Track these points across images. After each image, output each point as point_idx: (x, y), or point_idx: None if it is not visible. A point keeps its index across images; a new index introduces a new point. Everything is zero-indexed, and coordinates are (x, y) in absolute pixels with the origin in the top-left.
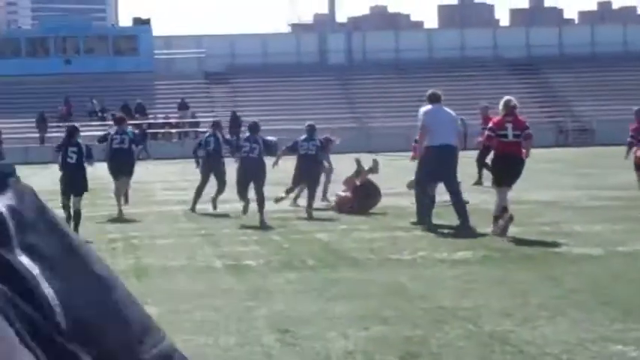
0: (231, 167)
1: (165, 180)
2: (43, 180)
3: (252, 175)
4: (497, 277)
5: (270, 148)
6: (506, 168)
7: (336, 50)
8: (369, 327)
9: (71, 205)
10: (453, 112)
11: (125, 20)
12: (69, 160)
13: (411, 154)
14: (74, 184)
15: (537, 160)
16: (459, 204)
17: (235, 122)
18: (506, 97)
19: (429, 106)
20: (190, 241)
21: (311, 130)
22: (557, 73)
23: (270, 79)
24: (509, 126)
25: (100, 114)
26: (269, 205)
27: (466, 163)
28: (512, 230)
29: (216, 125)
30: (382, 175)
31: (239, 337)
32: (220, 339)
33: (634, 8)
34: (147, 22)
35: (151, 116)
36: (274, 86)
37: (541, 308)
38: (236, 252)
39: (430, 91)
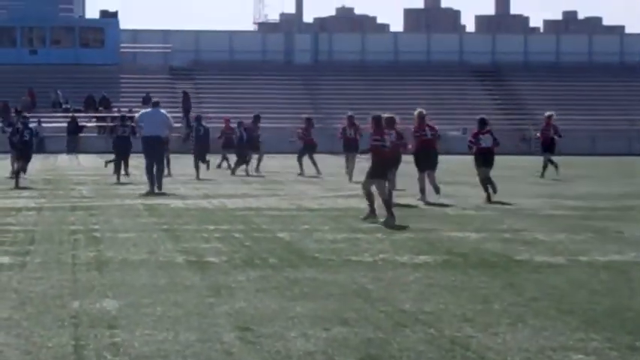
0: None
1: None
2: (4, 171)
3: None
4: (458, 282)
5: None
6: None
7: (302, 50)
8: (330, 328)
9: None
10: (165, 113)
11: (92, 12)
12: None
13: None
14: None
15: (500, 167)
16: (160, 172)
17: (186, 102)
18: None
19: (146, 109)
20: (152, 236)
21: (123, 118)
22: (521, 80)
23: (234, 77)
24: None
25: (63, 105)
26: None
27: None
28: (473, 236)
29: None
30: (345, 176)
31: (200, 333)
32: (181, 335)
33: (599, 19)
34: (114, 14)
35: (114, 109)
36: (239, 84)
37: (502, 315)
38: (198, 248)
39: (153, 100)
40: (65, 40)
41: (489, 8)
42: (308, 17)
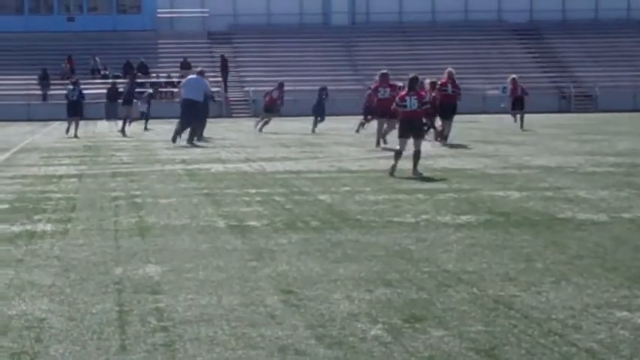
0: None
1: (166, 139)
2: (45, 137)
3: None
4: (501, 241)
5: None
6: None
7: (340, 12)
8: (373, 289)
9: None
10: (203, 80)
11: None
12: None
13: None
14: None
15: (540, 125)
16: (198, 131)
17: (224, 65)
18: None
19: (192, 76)
20: (193, 201)
21: None
22: (560, 38)
23: (272, 40)
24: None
25: (102, 72)
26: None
27: None
28: (515, 195)
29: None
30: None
31: (242, 297)
32: (224, 299)
33: None
34: None
35: (153, 75)
36: (277, 47)
37: (545, 273)
38: (239, 212)
39: (198, 69)
40: (102, 6)
41: None
42: None
